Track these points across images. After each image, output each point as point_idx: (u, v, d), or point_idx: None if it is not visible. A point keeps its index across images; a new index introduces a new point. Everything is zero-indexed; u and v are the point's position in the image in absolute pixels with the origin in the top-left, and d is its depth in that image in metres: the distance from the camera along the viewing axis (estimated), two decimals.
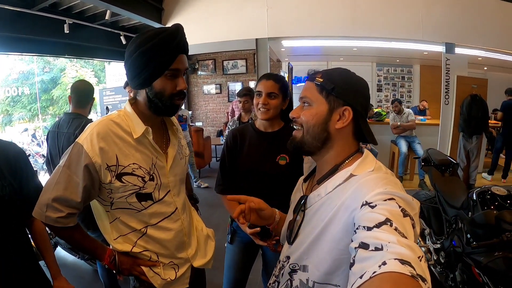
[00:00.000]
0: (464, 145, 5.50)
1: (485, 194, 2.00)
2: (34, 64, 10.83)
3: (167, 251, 1.32)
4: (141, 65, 1.13)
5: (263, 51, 5.94)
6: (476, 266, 1.76)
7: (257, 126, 1.80)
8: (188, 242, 1.41)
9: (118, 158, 1.16)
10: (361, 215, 0.72)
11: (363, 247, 0.63)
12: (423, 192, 3.30)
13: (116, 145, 1.16)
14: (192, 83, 9.34)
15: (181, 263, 1.37)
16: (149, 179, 1.22)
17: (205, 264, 1.50)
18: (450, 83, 5.69)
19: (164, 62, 1.14)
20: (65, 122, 2.31)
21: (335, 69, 0.96)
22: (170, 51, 1.13)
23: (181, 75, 1.20)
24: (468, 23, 5.50)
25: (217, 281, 2.04)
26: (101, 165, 1.13)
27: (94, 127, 1.15)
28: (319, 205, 0.90)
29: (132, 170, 1.18)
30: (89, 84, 2.52)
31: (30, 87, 10.70)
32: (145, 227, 1.26)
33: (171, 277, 1.34)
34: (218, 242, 3.53)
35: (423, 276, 0.54)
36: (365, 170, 0.87)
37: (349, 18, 5.64)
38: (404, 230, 0.65)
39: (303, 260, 0.91)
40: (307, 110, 0.94)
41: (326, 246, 0.83)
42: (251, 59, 8.67)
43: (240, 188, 1.77)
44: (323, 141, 0.92)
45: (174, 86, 1.18)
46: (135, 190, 1.19)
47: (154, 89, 1.17)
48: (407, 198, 0.75)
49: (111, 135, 1.16)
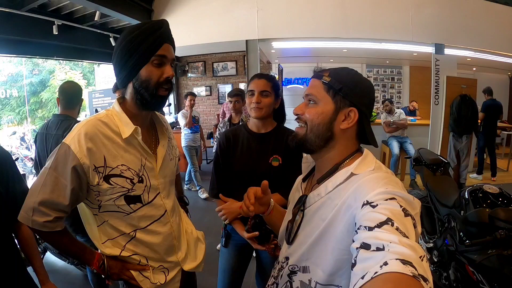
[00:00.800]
0: (454, 145, 5.57)
1: (477, 192, 2.01)
2: (22, 67, 10.66)
3: (156, 255, 1.29)
4: (128, 53, 1.12)
5: (253, 52, 5.94)
6: (470, 264, 1.77)
7: (250, 127, 1.78)
8: (178, 245, 1.38)
9: (106, 159, 1.12)
10: (362, 215, 0.71)
11: (365, 247, 0.62)
12: (414, 192, 3.33)
13: (104, 145, 1.13)
14: (182, 85, 9.29)
15: (171, 267, 1.35)
16: (138, 181, 1.19)
17: (196, 268, 1.47)
18: (439, 84, 5.76)
19: (151, 48, 1.12)
20: (54, 124, 2.28)
21: (343, 69, 0.96)
22: (156, 37, 1.13)
23: (168, 63, 1.18)
24: (457, 24, 5.57)
25: (209, 285, 2.02)
26: (89, 166, 1.09)
27: (82, 127, 1.12)
28: (319, 204, 0.90)
29: (120, 171, 1.15)
30: (76, 85, 2.48)
31: (18, 90, 10.53)
32: (134, 230, 1.23)
33: (160, 281, 1.31)
34: (210, 245, 3.50)
35: (424, 276, 0.53)
36: (365, 169, 0.87)
37: (339, 19, 5.67)
38: (405, 230, 0.65)
39: (303, 261, 0.90)
40: (313, 108, 0.93)
41: (328, 246, 0.83)
42: (241, 61, 8.66)
43: (234, 190, 1.75)
44: (326, 140, 0.92)
45: (160, 73, 1.16)
46: (123, 192, 1.16)
47: (140, 78, 1.15)
48: (408, 197, 0.74)
49: (99, 135, 1.13)
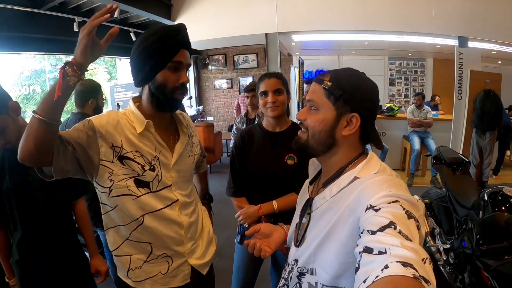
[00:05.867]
0: (477, 142, 5.38)
1: (496, 195, 1.96)
2: (45, 62, 10.94)
3: (161, 242, 1.31)
4: (145, 58, 1.17)
5: (273, 46, 5.92)
6: (485, 269, 1.73)
7: (265, 126, 1.80)
8: (187, 237, 1.38)
9: (123, 142, 1.20)
10: (365, 219, 0.72)
11: (367, 251, 0.63)
12: (434, 191, 3.25)
13: (123, 132, 1.21)
14: (203, 78, 9.35)
15: (175, 255, 1.35)
16: (150, 169, 1.24)
17: (201, 267, 1.46)
18: (463, 78, 5.56)
19: (167, 54, 1.17)
20: (72, 122, 2.41)
21: (345, 72, 0.92)
22: (174, 44, 1.17)
23: (183, 69, 1.22)
24: (481, 16, 5.35)
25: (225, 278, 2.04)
26: (105, 141, 1.17)
27: (104, 115, 1.21)
28: (325, 208, 0.90)
29: (133, 156, 1.21)
30: (87, 81, 2.57)
31: (41, 85, 10.82)
32: (142, 215, 1.26)
33: (162, 272, 1.33)
34: (229, 238, 3.53)
35: (426, 277, 0.53)
36: (369, 172, 0.86)
37: (360, 11, 5.56)
38: (408, 233, 0.65)
39: (310, 264, 0.91)
40: (314, 114, 0.92)
41: (333, 249, 0.83)
42: (262, 54, 8.62)
43: (250, 189, 1.78)
44: (328, 147, 0.91)
45: (176, 79, 1.20)
46: (133, 175, 1.21)
47: (156, 82, 1.20)
48: (412, 199, 0.74)
49: (120, 123, 1.21)
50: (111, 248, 1.33)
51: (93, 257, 1.73)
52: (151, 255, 1.31)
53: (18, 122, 1.42)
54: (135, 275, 1.32)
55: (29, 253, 1.54)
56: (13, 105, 1.39)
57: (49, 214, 1.56)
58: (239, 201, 1.81)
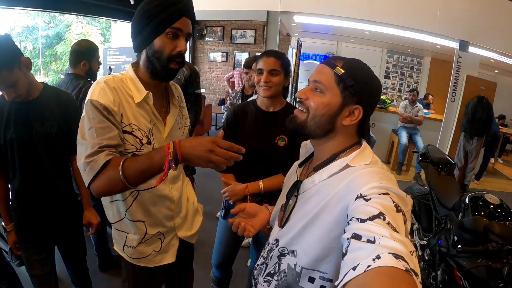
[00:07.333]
0: (464, 145, 5.50)
1: (477, 200, 2.01)
2: (39, 18, 10.54)
3: (154, 219, 1.32)
4: (145, 21, 1.14)
5: (274, 24, 5.81)
6: (458, 269, 1.79)
7: (259, 105, 1.78)
8: (176, 211, 1.41)
9: (122, 114, 1.16)
10: (355, 207, 0.72)
11: (356, 237, 0.64)
12: (417, 187, 3.31)
13: (123, 101, 1.17)
14: (198, 49, 9.19)
15: (167, 232, 1.38)
16: (147, 143, 1.22)
17: (190, 237, 1.50)
18: (458, 81, 5.60)
19: (168, 19, 1.13)
20: (65, 83, 2.32)
21: (357, 63, 0.91)
22: (175, 10, 1.14)
23: (182, 37, 1.19)
24: (485, 24, 5.37)
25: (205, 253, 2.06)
26: (116, 117, 1.13)
27: (104, 82, 1.15)
28: (313, 192, 0.91)
29: (132, 129, 1.19)
30: (82, 42, 2.46)
31: (33, 42, 10.44)
32: (138, 191, 1.26)
33: (156, 249, 1.36)
34: (211, 212, 3.54)
35: (415, 270, 0.55)
36: (361, 162, 0.87)
37: (366, 1, 5.49)
38: (396, 225, 0.66)
39: (292, 245, 0.92)
40: (319, 97, 0.90)
41: (317, 233, 0.84)
42: (260, 30, 8.50)
43: (238, 167, 1.77)
44: (326, 132, 0.91)
45: (173, 46, 1.17)
46: (132, 150, 1.19)
47: (153, 47, 1.16)
48: (401, 194, 0.76)
49: (121, 89, 1.17)
50: (112, 221, 1.34)
51: (87, 209, 1.84)
52: (146, 235, 1.32)
53: (29, 77, 1.52)
54: (129, 251, 1.34)
55: (26, 201, 1.65)
56: (25, 61, 1.48)
57: (47, 166, 1.65)
58: (226, 178, 1.79)
